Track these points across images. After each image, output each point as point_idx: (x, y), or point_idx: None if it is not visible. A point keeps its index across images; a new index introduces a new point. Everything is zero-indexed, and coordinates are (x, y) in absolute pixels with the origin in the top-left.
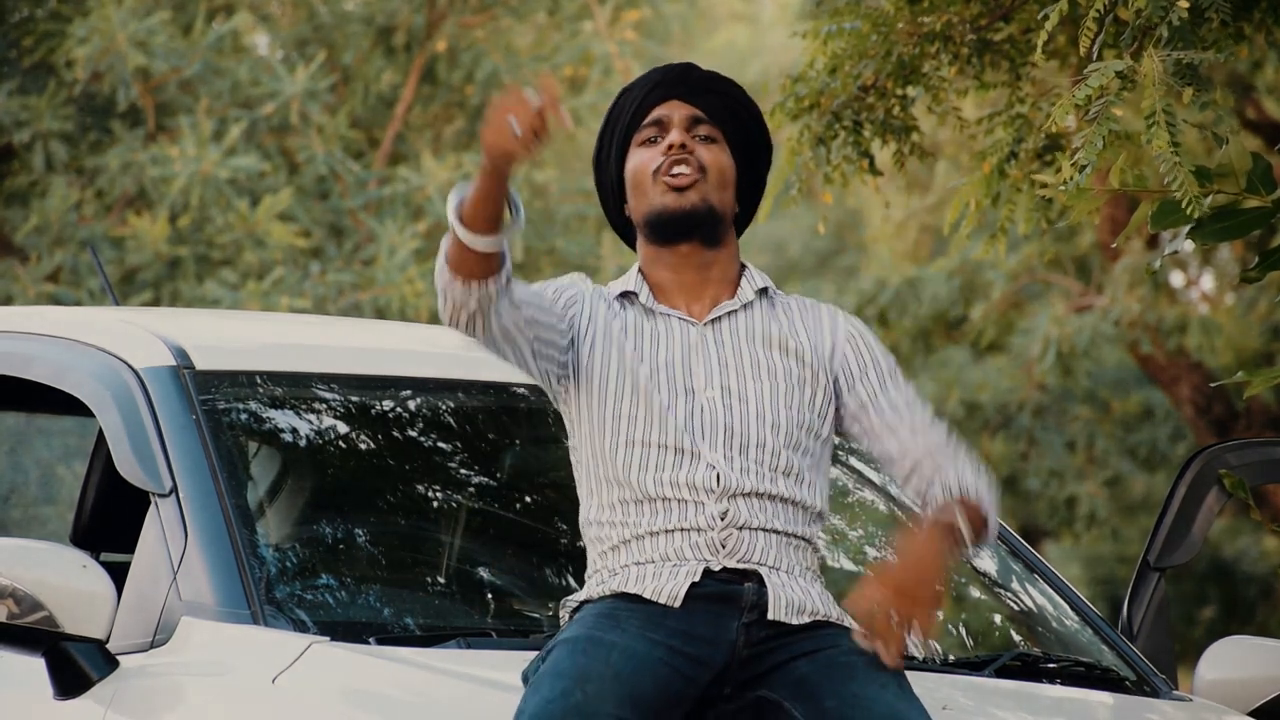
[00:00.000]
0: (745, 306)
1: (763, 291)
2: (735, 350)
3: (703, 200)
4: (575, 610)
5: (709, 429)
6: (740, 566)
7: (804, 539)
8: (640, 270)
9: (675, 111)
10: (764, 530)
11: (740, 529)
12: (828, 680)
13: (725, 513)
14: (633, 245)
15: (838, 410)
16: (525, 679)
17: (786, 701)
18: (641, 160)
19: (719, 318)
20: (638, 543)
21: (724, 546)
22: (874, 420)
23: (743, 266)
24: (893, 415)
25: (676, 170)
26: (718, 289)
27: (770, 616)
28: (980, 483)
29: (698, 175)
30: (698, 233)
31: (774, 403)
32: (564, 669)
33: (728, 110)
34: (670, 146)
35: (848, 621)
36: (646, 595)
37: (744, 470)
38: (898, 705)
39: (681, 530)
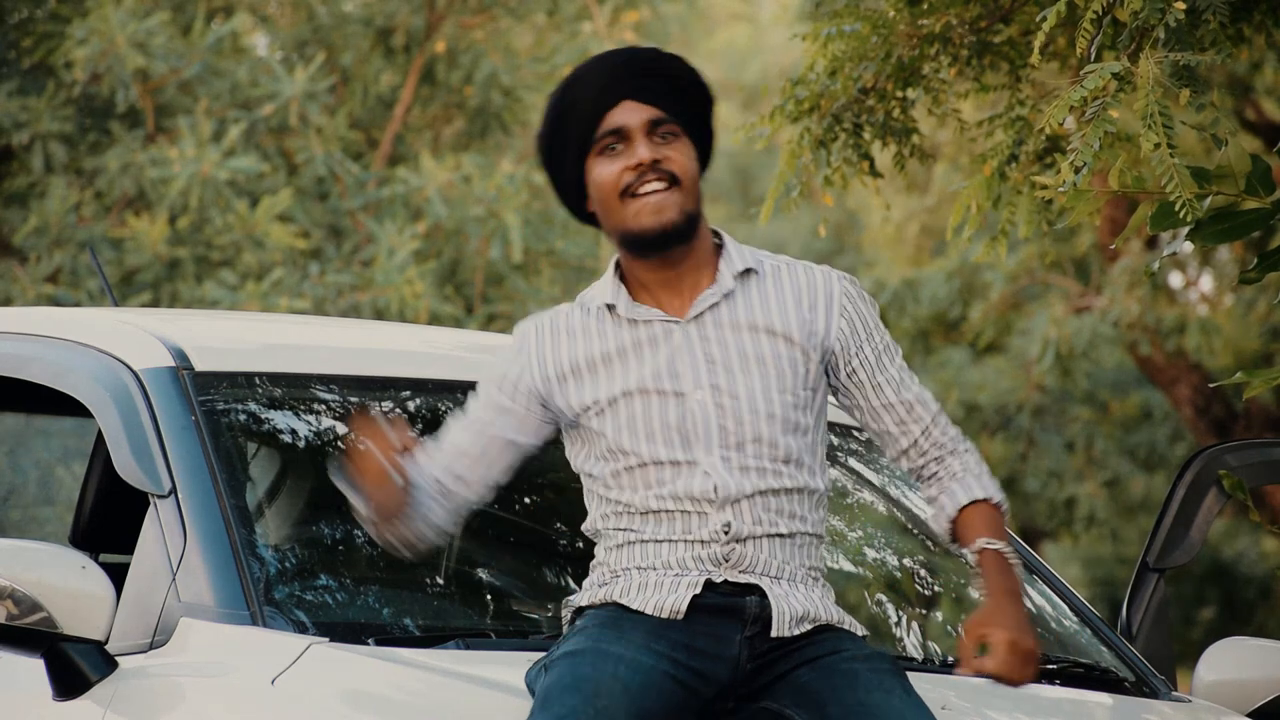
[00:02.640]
0: (727, 296)
1: (744, 273)
2: (721, 343)
3: (680, 213)
4: (576, 614)
5: (703, 432)
6: (742, 580)
7: (808, 534)
8: (618, 267)
9: (632, 116)
10: (767, 537)
11: (744, 541)
12: (830, 688)
13: (728, 525)
14: (598, 226)
15: (829, 382)
16: (530, 687)
17: (789, 710)
18: (606, 175)
19: (701, 313)
20: (641, 547)
21: (726, 560)
22: (870, 397)
23: (719, 244)
24: (891, 393)
25: (649, 189)
26: (696, 276)
27: (774, 634)
28: (985, 477)
29: (671, 188)
30: (677, 243)
31: (766, 392)
32: (573, 683)
33: (681, 95)
34: (639, 164)
35: (848, 624)
36: (648, 611)
37: (744, 470)
38: (905, 712)
39: (685, 541)
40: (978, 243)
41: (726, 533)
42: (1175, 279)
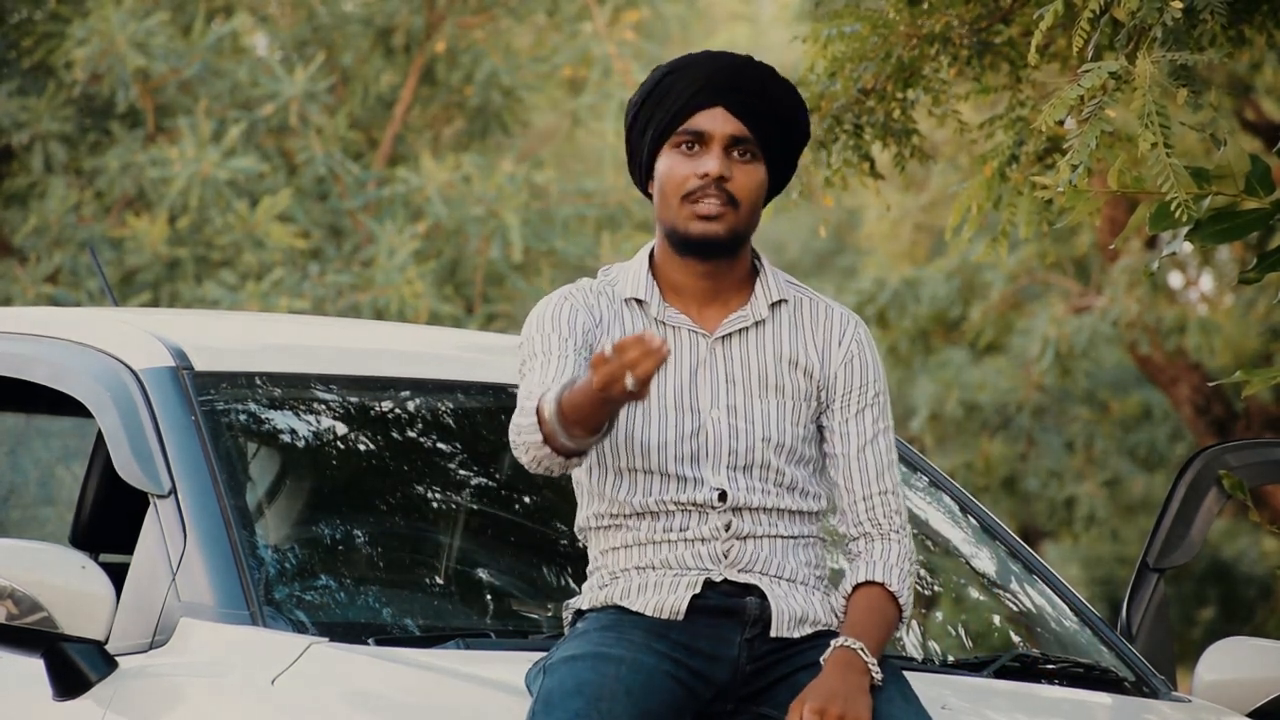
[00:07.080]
0: (758, 323)
1: (777, 304)
2: (744, 365)
3: (729, 231)
4: (576, 616)
5: (712, 451)
6: (741, 580)
7: (809, 536)
8: (651, 262)
9: (718, 127)
10: (767, 537)
11: (743, 539)
12: None
13: (729, 524)
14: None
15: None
16: (530, 688)
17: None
18: (674, 171)
19: (730, 334)
20: (639, 549)
21: (726, 556)
22: (835, 444)
23: (756, 267)
24: (850, 446)
25: (707, 202)
26: (730, 293)
27: (774, 634)
28: (898, 569)
29: (728, 208)
30: (718, 256)
31: (780, 422)
32: (575, 687)
33: (776, 121)
34: (706, 175)
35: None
36: (648, 612)
37: (749, 489)
38: (903, 719)
39: (684, 540)
40: (978, 243)
41: (727, 529)
42: (1175, 279)
